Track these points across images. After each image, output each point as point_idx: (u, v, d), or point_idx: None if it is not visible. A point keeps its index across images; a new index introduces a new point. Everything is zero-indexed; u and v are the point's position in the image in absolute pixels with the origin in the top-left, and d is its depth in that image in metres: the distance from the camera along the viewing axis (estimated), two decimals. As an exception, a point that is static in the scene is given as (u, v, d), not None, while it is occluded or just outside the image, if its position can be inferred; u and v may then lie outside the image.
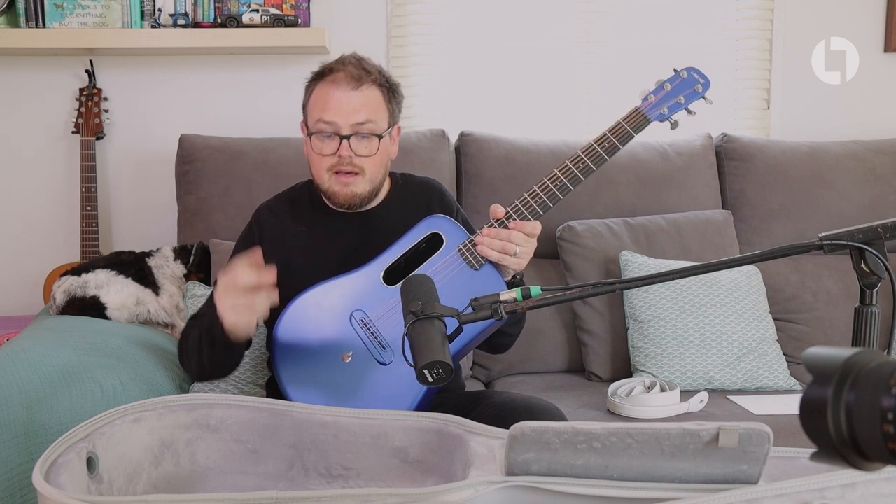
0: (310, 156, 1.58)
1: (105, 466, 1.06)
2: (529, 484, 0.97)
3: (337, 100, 1.53)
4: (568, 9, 2.67)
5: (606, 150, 1.50)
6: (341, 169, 1.54)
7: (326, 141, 1.54)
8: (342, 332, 1.48)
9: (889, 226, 1.00)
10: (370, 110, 1.54)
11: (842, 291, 2.32)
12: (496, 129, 2.49)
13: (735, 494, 0.90)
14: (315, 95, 1.57)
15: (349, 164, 1.53)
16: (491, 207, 1.49)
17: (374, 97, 1.55)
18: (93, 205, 2.49)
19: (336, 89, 1.53)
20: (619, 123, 1.51)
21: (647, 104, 1.52)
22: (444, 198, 1.70)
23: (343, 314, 1.49)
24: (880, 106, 2.71)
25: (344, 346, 1.47)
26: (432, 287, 1.14)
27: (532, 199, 1.48)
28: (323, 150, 1.54)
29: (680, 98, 1.53)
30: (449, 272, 1.48)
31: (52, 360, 1.63)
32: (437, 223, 1.53)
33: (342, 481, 1.18)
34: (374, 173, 1.57)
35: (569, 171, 1.49)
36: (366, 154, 1.54)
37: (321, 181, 1.58)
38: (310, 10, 2.56)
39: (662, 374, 2.05)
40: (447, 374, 1.04)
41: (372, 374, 1.46)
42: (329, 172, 1.55)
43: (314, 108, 1.56)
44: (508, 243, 1.43)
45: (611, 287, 1.10)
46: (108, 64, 2.61)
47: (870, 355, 0.54)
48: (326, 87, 1.55)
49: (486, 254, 1.45)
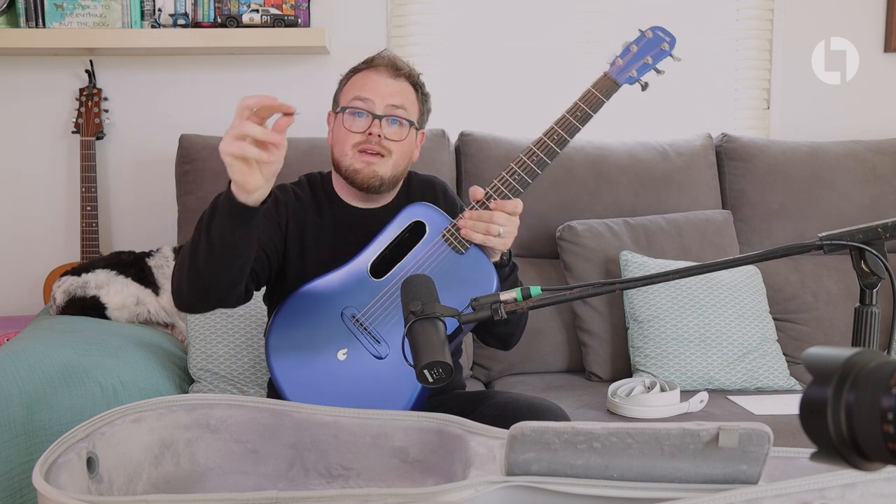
0: (337, 133, 1.57)
1: (105, 466, 1.06)
2: (529, 484, 0.97)
3: (375, 81, 1.55)
4: (568, 9, 2.67)
5: (579, 118, 1.50)
6: (368, 147, 1.53)
7: (358, 119, 1.54)
8: (335, 330, 1.47)
9: (889, 226, 1.00)
10: (405, 98, 1.56)
11: (842, 291, 2.32)
12: (496, 129, 2.49)
13: (735, 494, 0.90)
14: (353, 80, 1.58)
15: (377, 143, 1.53)
16: (470, 189, 1.48)
17: (410, 91, 1.58)
18: (93, 205, 2.49)
19: (375, 73, 1.56)
20: (589, 91, 1.52)
21: (615, 68, 1.52)
22: (448, 196, 1.70)
23: (334, 312, 1.49)
24: (880, 106, 2.71)
25: (338, 342, 1.47)
26: (432, 287, 1.14)
27: (510, 176, 1.48)
28: (353, 126, 1.53)
29: (647, 59, 1.53)
30: (435, 259, 1.47)
31: (52, 360, 1.63)
32: (418, 211, 1.53)
33: (342, 481, 1.18)
34: (399, 160, 1.56)
35: (544, 144, 1.49)
36: (395, 138, 1.54)
37: (343, 158, 1.55)
38: (310, 10, 2.56)
39: (662, 374, 2.05)
40: (447, 373, 1.04)
41: (369, 370, 1.45)
42: (354, 150, 1.54)
43: (351, 89, 1.57)
44: (491, 224, 1.43)
45: (611, 287, 1.10)
46: (108, 64, 2.61)
47: (870, 355, 0.54)
48: (366, 72, 1.57)
49: (470, 237, 1.44)
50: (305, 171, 1.72)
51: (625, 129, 2.67)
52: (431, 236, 1.50)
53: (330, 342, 1.47)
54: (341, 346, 1.47)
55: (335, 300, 1.49)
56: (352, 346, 1.47)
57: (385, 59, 1.58)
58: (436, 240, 1.49)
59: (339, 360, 1.46)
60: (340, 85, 1.62)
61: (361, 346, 1.47)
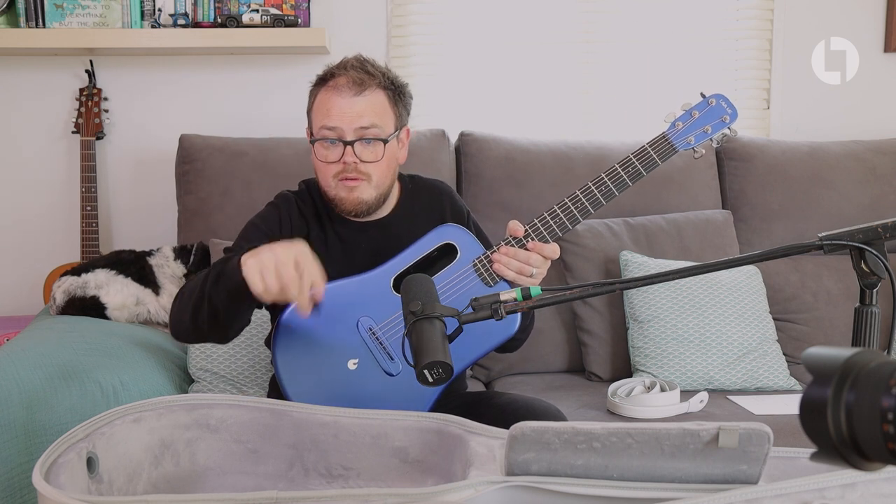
0: (315, 163, 1.54)
1: (105, 466, 1.06)
2: (529, 484, 0.97)
3: (339, 106, 1.48)
4: (568, 9, 2.67)
5: (630, 175, 1.46)
6: (347, 175, 1.49)
7: (331, 148, 1.49)
8: (348, 337, 1.44)
9: (889, 226, 1.00)
10: (374, 115, 1.49)
11: (842, 291, 2.32)
12: (496, 129, 2.49)
13: (735, 494, 0.90)
14: (318, 102, 1.52)
15: (354, 170, 1.49)
16: (510, 224, 1.46)
17: (379, 101, 1.50)
18: (93, 205, 2.49)
19: (337, 95, 1.49)
20: (645, 149, 1.47)
21: (675, 131, 1.48)
22: (455, 204, 1.66)
23: (349, 319, 1.45)
24: (880, 106, 2.71)
25: (349, 351, 1.44)
26: (432, 287, 1.14)
27: (552, 219, 1.46)
28: (328, 158, 1.50)
29: (707, 128, 1.48)
30: (463, 285, 1.45)
31: (52, 360, 1.63)
32: (452, 233, 1.50)
33: (342, 481, 1.18)
34: (381, 179, 1.52)
35: (590, 193, 1.46)
36: (371, 160, 1.49)
37: (328, 188, 1.53)
38: (310, 10, 2.56)
39: (662, 374, 2.05)
40: (447, 374, 1.04)
41: (378, 385, 1.43)
42: (335, 179, 1.51)
43: (317, 114, 1.52)
44: (526, 265, 1.41)
45: (611, 287, 1.10)
46: (108, 64, 2.61)
47: (870, 355, 0.54)
48: (328, 93, 1.50)
49: (503, 273, 1.43)
50: (304, 170, 1.71)
51: (625, 129, 2.67)
52: (462, 262, 1.47)
53: (341, 349, 1.43)
54: (353, 355, 1.44)
55: (351, 307, 1.46)
56: (363, 358, 1.44)
57: (346, 73, 1.50)
58: (466, 267, 1.47)
59: (349, 370, 1.43)
60: (310, 98, 1.55)
61: (374, 359, 1.44)
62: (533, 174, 2.38)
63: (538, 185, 2.38)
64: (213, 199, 2.32)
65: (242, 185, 2.31)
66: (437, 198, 1.65)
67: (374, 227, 1.58)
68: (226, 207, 2.31)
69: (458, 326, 1.11)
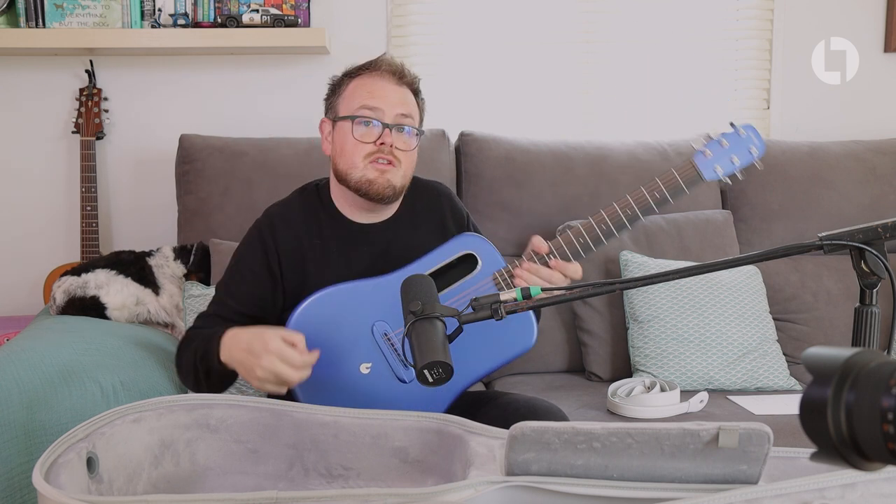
0: (342, 143, 1.50)
1: (105, 466, 1.06)
2: (529, 484, 0.97)
3: (383, 88, 1.50)
4: (568, 9, 2.67)
5: (657, 201, 1.46)
6: (381, 156, 1.48)
7: (369, 128, 1.48)
8: (362, 340, 1.43)
9: (889, 226, 1.00)
10: (411, 107, 1.52)
11: (842, 291, 2.32)
12: (496, 129, 2.49)
13: (735, 494, 0.90)
14: (355, 86, 1.52)
15: (389, 153, 1.48)
16: (533, 240, 1.46)
17: (412, 98, 1.54)
18: (93, 205, 2.49)
19: (381, 79, 1.51)
20: (672, 175, 1.46)
21: (703, 159, 1.47)
22: (454, 206, 1.66)
23: (364, 322, 1.44)
24: (880, 106, 2.71)
25: (363, 355, 1.42)
26: (432, 287, 1.14)
27: (576, 239, 1.45)
28: (364, 137, 1.48)
29: (734, 158, 1.47)
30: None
31: (52, 360, 1.63)
32: (474, 243, 1.49)
33: (342, 481, 1.18)
34: (407, 170, 1.52)
35: (615, 216, 1.45)
36: (405, 148, 1.50)
37: (352, 169, 1.49)
38: (310, 10, 2.56)
39: (662, 374, 2.05)
40: (447, 374, 1.04)
41: (389, 391, 1.42)
42: (365, 160, 1.48)
43: (355, 95, 1.50)
44: (548, 283, 1.41)
45: (611, 287, 1.10)
46: (108, 64, 2.61)
47: (870, 355, 0.54)
48: (371, 77, 1.52)
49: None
50: (304, 170, 1.71)
51: (625, 129, 2.67)
52: (482, 274, 1.46)
53: (354, 351, 1.42)
54: (366, 359, 1.43)
55: (366, 311, 1.44)
56: (377, 363, 1.43)
57: (388, 63, 1.53)
58: (486, 279, 1.45)
59: (361, 373, 1.42)
60: (336, 90, 1.56)
61: (387, 365, 1.43)
62: (533, 174, 2.38)
63: (538, 185, 2.38)
64: (213, 199, 2.32)
65: (242, 185, 2.31)
66: (437, 199, 1.64)
67: (375, 230, 1.57)
68: (226, 207, 2.31)
69: (458, 326, 1.11)
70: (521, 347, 1.47)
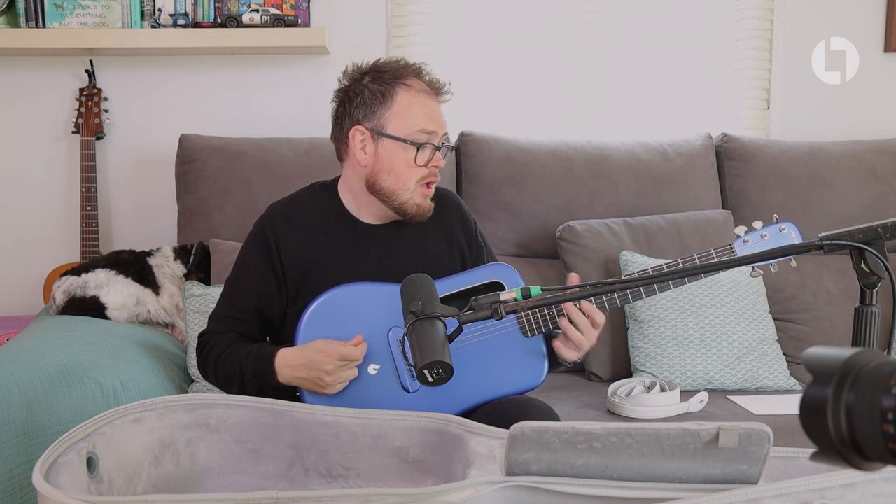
0: (393, 163, 1.48)
1: (105, 466, 1.06)
2: (529, 484, 0.97)
3: (435, 110, 1.52)
4: (568, 9, 2.67)
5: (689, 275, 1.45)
6: (432, 180, 1.50)
7: (425, 152, 1.49)
8: (375, 342, 1.43)
9: (889, 226, 1.00)
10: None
11: (842, 291, 2.32)
12: (496, 128, 2.49)
13: (735, 494, 0.90)
14: (409, 101, 1.49)
15: (436, 174, 1.51)
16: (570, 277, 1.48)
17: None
18: (93, 205, 2.49)
19: (432, 99, 1.52)
20: (710, 254, 1.49)
21: (743, 247, 1.49)
22: (464, 215, 1.66)
23: (381, 325, 1.44)
24: (880, 106, 2.71)
25: (373, 356, 1.42)
26: (432, 287, 1.14)
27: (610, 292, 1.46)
28: (423, 161, 1.48)
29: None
30: (500, 330, 1.44)
31: (52, 360, 1.63)
32: (505, 273, 1.50)
33: (342, 481, 1.18)
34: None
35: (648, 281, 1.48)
36: (442, 166, 1.53)
37: (403, 191, 1.48)
38: (310, 10, 2.56)
39: (662, 374, 2.05)
40: (447, 373, 1.04)
41: (393, 398, 1.41)
42: (418, 184, 1.49)
43: (411, 115, 1.49)
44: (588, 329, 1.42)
45: (611, 287, 1.10)
46: (108, 64, 2.61)
47: (870, 355, 0.54)
48: (422, 96, 1.51)
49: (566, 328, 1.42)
50: (305, 170, 1.70)
51: (625, 129, 2.67)
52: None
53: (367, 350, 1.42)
54: (375, 361, 1.43)
55: (383, 315, 1.44)
56: (385, 367, 1.43)
57: (433, 79, 1.53)
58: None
59: (368, 374, 1.42)
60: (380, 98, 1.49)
61: (395, 371, 1.43)
62: (533, 174, 2.38)
63: (538, 185, 2.38)
64: (213, 199, 2.32)
65: (242, 185, 2.31)
66: (446, 206, 1.63)
67: (382, 231, 1.56)
68: (226, 207, 2.31)
69: (458, 326, 1.11)
70: (525, 385, 1.49)
